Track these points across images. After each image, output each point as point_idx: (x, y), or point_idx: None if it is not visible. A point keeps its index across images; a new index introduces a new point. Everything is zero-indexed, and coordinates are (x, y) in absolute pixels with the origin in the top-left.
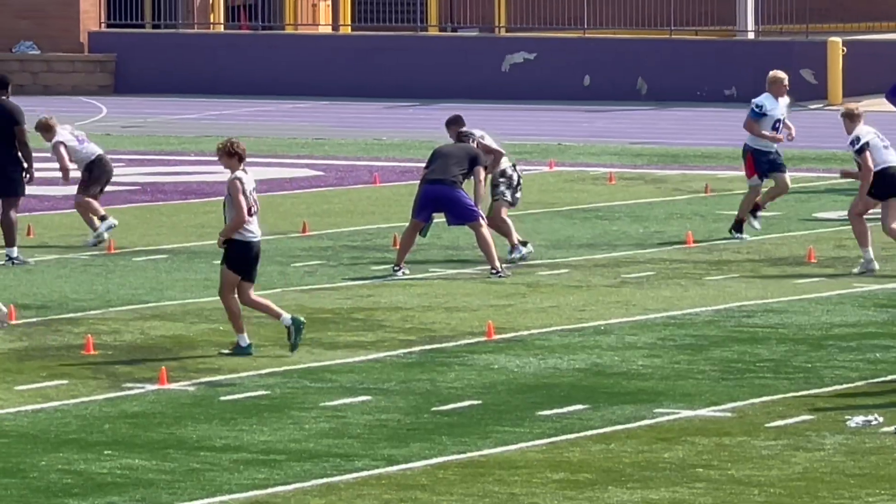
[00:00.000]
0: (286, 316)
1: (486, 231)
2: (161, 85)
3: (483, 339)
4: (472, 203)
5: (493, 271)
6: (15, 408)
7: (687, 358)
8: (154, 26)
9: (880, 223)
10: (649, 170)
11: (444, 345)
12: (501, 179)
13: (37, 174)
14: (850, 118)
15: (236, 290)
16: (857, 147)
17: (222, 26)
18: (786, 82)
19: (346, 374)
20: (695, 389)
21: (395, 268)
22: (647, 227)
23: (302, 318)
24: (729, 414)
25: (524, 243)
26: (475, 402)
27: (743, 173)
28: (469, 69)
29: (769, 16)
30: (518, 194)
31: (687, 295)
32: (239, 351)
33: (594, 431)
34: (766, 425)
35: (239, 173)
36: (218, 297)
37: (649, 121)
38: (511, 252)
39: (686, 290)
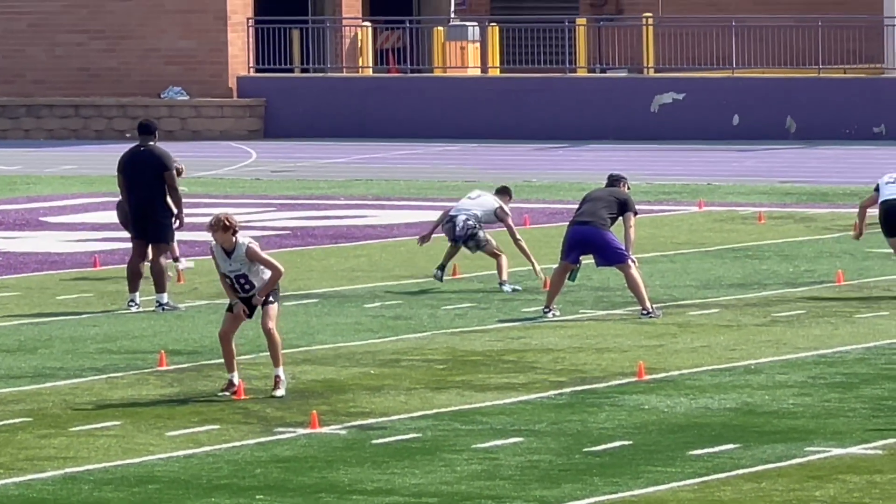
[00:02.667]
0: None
1: (635, 272)
2: (310, 129)
3: (634, 379)
4: (621, 245)
5: (644, 312)
6: (166, 453)
7: (837, 396)
8: (303, 70)
9: None
10: (798, 208)
11: (594, 385)
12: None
13: (186, 220)
14: None
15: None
16: None
17: (371, 70)
18: None
19: (498, 415)
20: (845, 427)
21: (546, 309)
22: (797, 266)
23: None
24: (880, 451)
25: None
26: (626, 443)
27: None
28: (618, 110)
29: None
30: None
31: (837, 333)
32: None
33: (745, 470)
34: None
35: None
36: (366, 342)
37: (798, 159)
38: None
39: (836, 329)
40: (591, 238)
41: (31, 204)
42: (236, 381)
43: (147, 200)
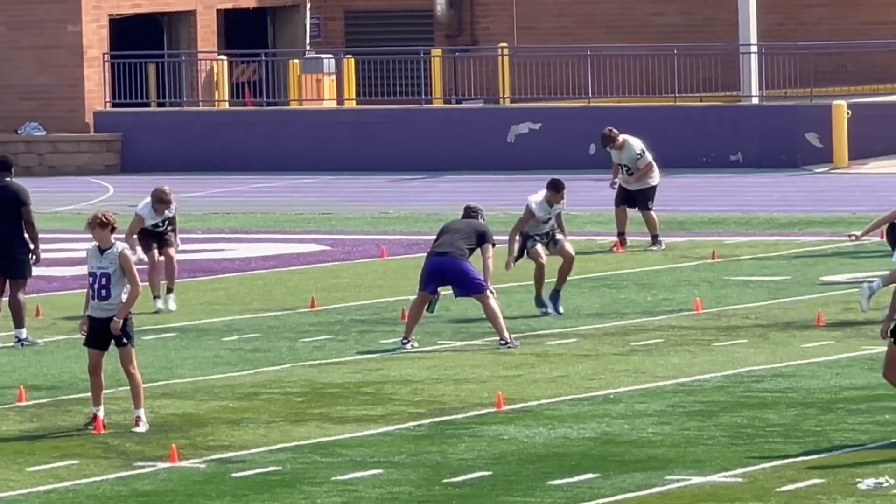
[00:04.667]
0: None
1: (493, 303)
2: (167, 163)
3: (493, 409)
4: (479, 275)
5: (502, 342)
6: (26, 489)
7: (697, 424)
8: (159, 104)
9: None
10: None
11: (453, 416)
12: None
13: (43, 255)
14: None
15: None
16: None
17: (227, 103)
18: None
19: (357, 447)
20: (705, 456)
21: (404, 341)
22: (655, 295)
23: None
24: (740, 479)
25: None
26: (486, 473)
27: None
28: (474, 140)
29: (773, 80)
30: None
31: (696, 361)
32: None
33: (605, 500)
34: (777, 490)
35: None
36: (224, 375)
37: None
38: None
39: (695, 357)
40: (449, 269)
41: None
42: (101, 414)
43: (5, 236)
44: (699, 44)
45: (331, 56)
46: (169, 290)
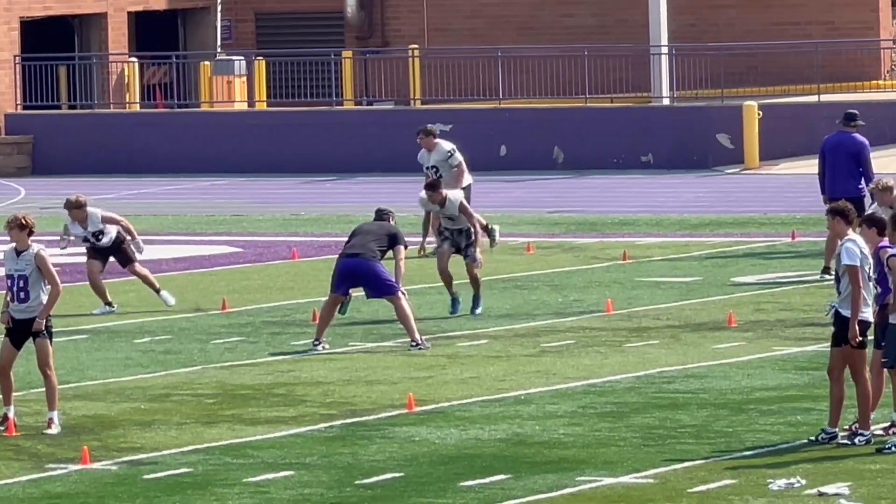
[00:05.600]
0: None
1: (404, 304)
2: (79, 165)
3: (404, 411)
4: (391, 277)
5: (414, 344)
6: None
7: (608, 425)
8: (70, 106)
9: None
10: (567, 238)
11: (365, 418)
12: None
13: None
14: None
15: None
16: None
17: (138, 105)
18: None
19: (268, 449)
20: (616, 457)
21: (315, 342)
22: (567, 296)
23: None
24: (651, 480)
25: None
26: (397, 475)
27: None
28: (385, 142)
29: (684, 81)
30: None
31: (607, 363)
32: None
33: (516, 501)
34: (689, 491)
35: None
36: (136, 377)
37: (566, 189)
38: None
39: (606, 358)
40: (361, 270)
41: None
42: (11, 414)
43: None
44: (610, 45)
45: (242, 58)
46: (157, 291)
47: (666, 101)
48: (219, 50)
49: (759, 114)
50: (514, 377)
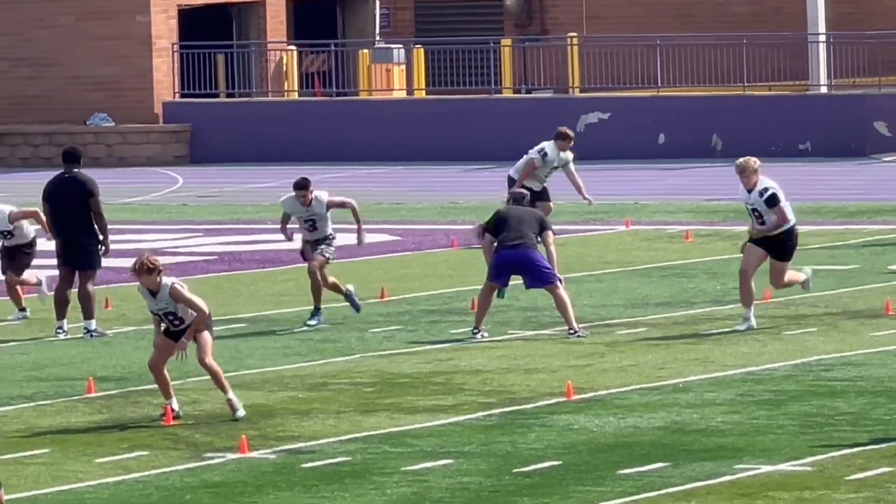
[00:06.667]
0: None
1: (562, 292)
2: (236, 154)
3: (562, 399)
4: (548, 265)
5: (571, 332)
6: (95, 480)
7: (766, 413)
8: (228, 95)
9: None
10: (725, 226)
11: (523, 406)
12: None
13: (112, 246)
14: None
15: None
16: None
17: (296, 93)
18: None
19: (427, 438)
20: (774, 444)
21: (474, 330)
22: (725, 284)
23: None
24: (809, 468)
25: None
26: (555, 463)
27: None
28: (544, 130)
29: (842, 69)
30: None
31: (765, 350)
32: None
33: (675, 489)
34: (847, 478)
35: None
36: (294, 366)
37: (724, 177)
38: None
39: (764, 346)
40: (522, 260)
41: None
42: (175, 406)
43: (73, 228)
44: (768, 33)
45: (400, 46)
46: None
47: (823, 90)
48: (377, 38)
49: None
50: (672, 365)
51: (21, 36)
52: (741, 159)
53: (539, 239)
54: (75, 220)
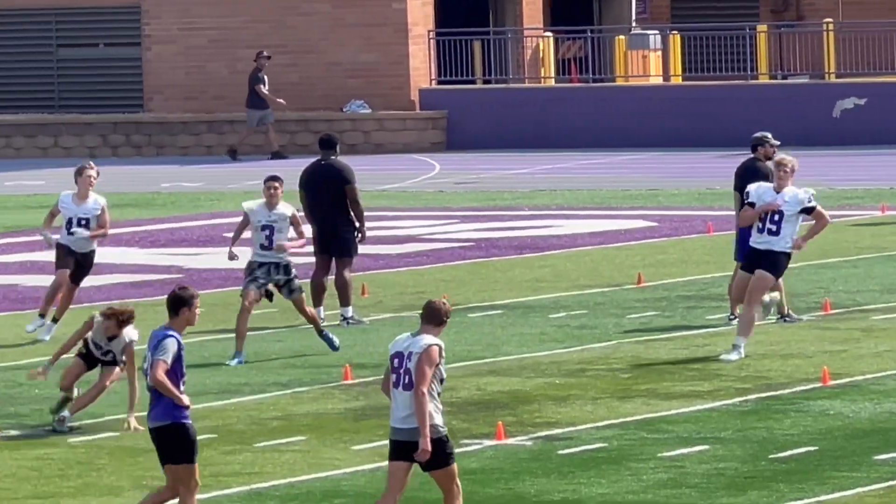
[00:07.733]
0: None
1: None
2: (492, 140)
3: (818, 385)
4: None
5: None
6: (352, 468)
7: None
8: (485, 81)
9: None
10: None
11: (779, 392)
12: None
13: (369, 233)
14: None
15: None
16: None
17: (553, 80)
18: None
19: (683, 423)
20: None
21: (731, 317)
22: None
23: None
24: None
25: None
26: (811, 449)
27: None
28: (800, 116)
29: None
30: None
31: None
32: None
33: None
34: None
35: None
36: (551, 352)
37: None
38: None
39: None
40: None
41: (214, 220)
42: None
43: (330, 215)
44: None
45: (656, 32)
46: (55, 319)
47: None
48: (633, 24)
49: None
50: None
51: (279, 23)
52: (790, 158)
53: None
54: (332, 207)
